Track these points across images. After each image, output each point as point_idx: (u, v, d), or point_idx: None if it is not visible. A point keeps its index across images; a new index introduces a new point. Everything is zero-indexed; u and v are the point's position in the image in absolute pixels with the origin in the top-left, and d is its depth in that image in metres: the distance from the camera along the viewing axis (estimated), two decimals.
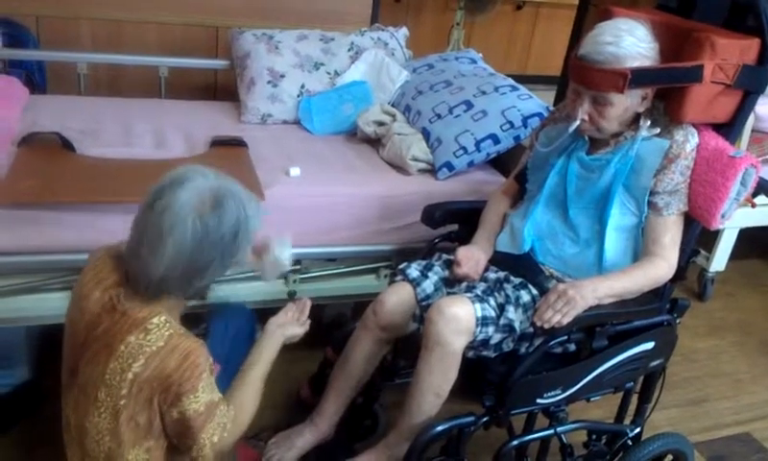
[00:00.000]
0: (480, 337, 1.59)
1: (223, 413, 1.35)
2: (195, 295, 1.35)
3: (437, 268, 1.82)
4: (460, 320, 1.57)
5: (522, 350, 1.68)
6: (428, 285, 1.77)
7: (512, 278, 1.73)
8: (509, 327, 1.61)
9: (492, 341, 1.61)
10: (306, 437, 1.82)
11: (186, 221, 1.24)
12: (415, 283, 1.77)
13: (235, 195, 1.31)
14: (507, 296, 1.66)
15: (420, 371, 1.63)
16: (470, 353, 1.63)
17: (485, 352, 1.63)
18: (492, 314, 1.61)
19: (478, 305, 1.60)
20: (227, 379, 1.68)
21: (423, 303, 1.74)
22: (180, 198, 1.25)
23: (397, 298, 1.77)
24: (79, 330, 1.33)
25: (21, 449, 1.89)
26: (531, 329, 1.62)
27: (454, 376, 1.62)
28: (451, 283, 1.78)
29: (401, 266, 1.82)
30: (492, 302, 1.63)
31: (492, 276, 1.76)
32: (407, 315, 1.76)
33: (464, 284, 1.72)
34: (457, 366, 1.61)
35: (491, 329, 1.60)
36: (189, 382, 1.26)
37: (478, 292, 1.65)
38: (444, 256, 1.86)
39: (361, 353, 1.82)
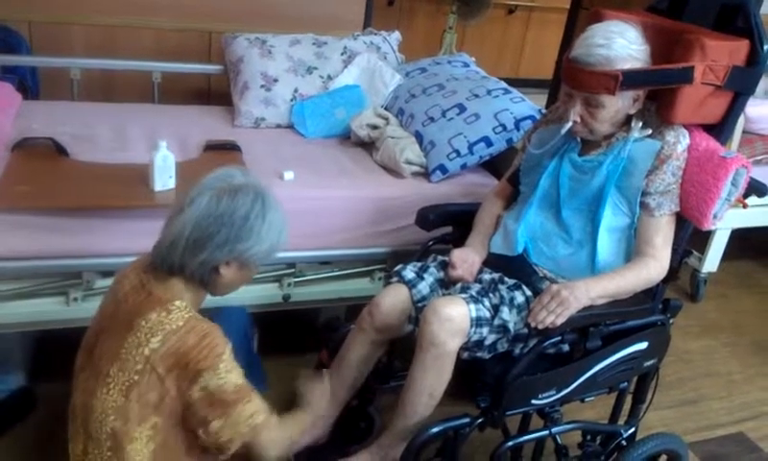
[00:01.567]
0: (474, 338, 1.60)
1: (261, 399, 1.35)
2: (201, 277, 1.35)
3: (432, 269, 1.82)
4: (454, 320, 1.58)
5: (517, 351, 1.68)
6: (424, 287, 1.77)
7: (506, 279, 1.74)
8: (503, 328, 1.62)
9: (487, 342, 1.62)
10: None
11: (205, 194, 1.32)
12: (410, 285, 1.77)
13: (260, 196, 1.34)
14: (501, 297, 1.66)
15: (415, 371, 1.64)
16: (465, 355, 1.64)
17: (479, 354, 1.64)
18: (487, 315, 1.62)
19: (473, 306, 1.60)
20: None
21: (419, 305, 1.74)
22: (209, 178, 1.35)
23: (393, 299, 1.77)
24: (107, 310, 1.39)
25: (15, 455, 1.88)
26: (525, 330, 1.63)
27: (448, 378, 1.63)
28: (446, 285, 1.79)
29: (397, 268, 1.83)
30: (486, 302, 1.64)
31: (486, 277, 1.76)
32: (403, 316, 1.77)
33: (458, 285, 1.72)
34: (451, 367, 1.62)
35: (485, 330, 1.60)
36: (207, 360, 1.28)
37: (473, 293, 1.66)
38: (440, 258, 1.86)
39: (356, 355, 1.82)
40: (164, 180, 1.92)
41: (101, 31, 2.95)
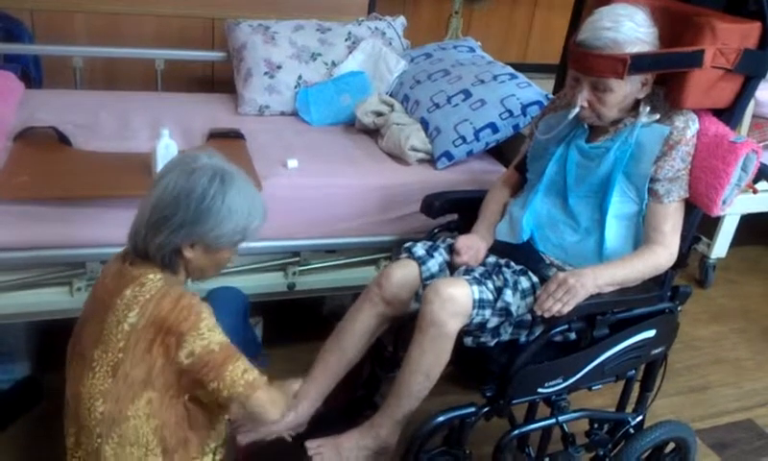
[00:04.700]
0: (476, 320, 1.58)
1: (247, 361, 1.35)
2: (162, 260, 1.33)
3: (441, 250, 1.80)
4: (456, 301, 1.56)
5: (522, 338, 1.67)
6: (433, 265, 1.75)
7: (512, 264, 1.72)
8: (506, 311, 1.61)
9: (489, 325, 1.60)
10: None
11: (166, 176, 1.31)
12: (420, 261, 1.75)
13: (218, 175, 1.31)
14: (505, 279, 1.65)
15: (413, 351, 1.62)
16: (469, 341, 1.63)
17: (483, 338, 1.63)
18: (490, 297, 1.60)
19: (476, 288, 1.59)
20: None
21: (427, 283, 1.72)
22: (174, 160, 1.37)
23: (404, 273, 1.74)
24: (92, 301, 1.39)
25: (21, 445, 1.89)
26: (529, 317, 1.62)
27: (446, 359, 1.61)
28: (453, 269, 1.77)
29: (407, 245, 1.81)
30: (489, 285, 1.62)
31: (491, 260, 1.75)
32: (411, 292, 1.74)
33: (462, 268, 1.71)
34: (450, 349, 1.60)
35: (487, 312, 1.59)
36: (187, 322, 1.27)
37: (476, 275, 1.64)
38: (449, 240, 1.84)
39: (360, 327, 1.76)
40: None
41: (103, 18, 2.94)
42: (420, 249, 1.78)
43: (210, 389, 1.32)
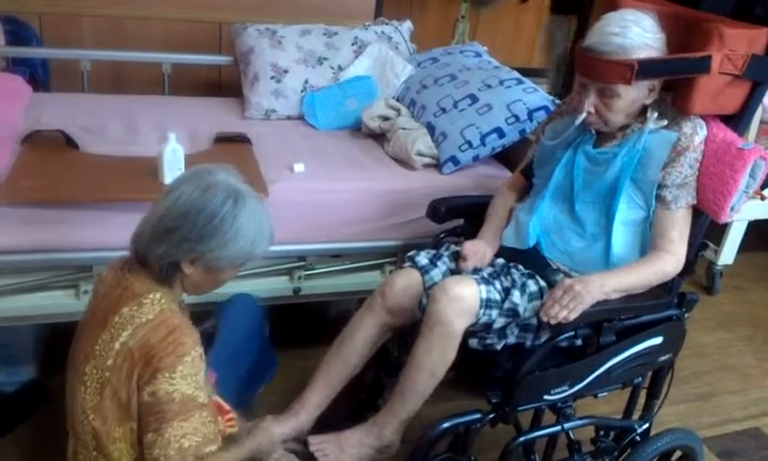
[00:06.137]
0: (483, 320, 1.58)
1: (203, 422, 1.28)
2: (160, 270, 1.30)
3: (445, 258, 1.80)
4: (463, 300, 1.56)
5: (528, 343, 1.66)
6: (436, 274, 1.75)
7: (520, 266, 1.72)
8: (513, 312, 1.60)
9: (496, 325, 1.60)
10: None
11: (178, 188, 1.28)
12: (423, 271, 1.75)
13: (232, 197, 1.28)
14: (513, 280, 1.65)
15: (418, 349, 1.62)
16: (474, 342, 1.62)
17: (489, 339, 1.62)
18: (497, 297, 1.60)
19: (483, 287, 1.59)
20: (236, 378, 1.66)
21: (430, 292, 1.72)
22: (189, 171, 1.35)
23: (407, 282, 1.74)
24: (88, 312, 1.37)
25: (27, 448, 1.89)
26: (535, 320, 1.62)
27: (451, 358, 1.61)
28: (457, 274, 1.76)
29: (410, 253, 1.81)
30: (497, 285, 1.62)
31: (499, 261, 1.74)
32: (414, 301, 1.74)
33: (470, 268, 1.71)
34: (455, 348, 1.60)
35: (494, 313, 1.59)
36: (169, 358, 1.23)
37: (484, 275, 1.64)
38: (453, 247, 1.84)
39: (362, 337, 1.76)
40: (174, 172, 1.91)
41: (110, 22, 2.95)
42: (423, 258, 1.78)
43: (147, 441, 1.24)
